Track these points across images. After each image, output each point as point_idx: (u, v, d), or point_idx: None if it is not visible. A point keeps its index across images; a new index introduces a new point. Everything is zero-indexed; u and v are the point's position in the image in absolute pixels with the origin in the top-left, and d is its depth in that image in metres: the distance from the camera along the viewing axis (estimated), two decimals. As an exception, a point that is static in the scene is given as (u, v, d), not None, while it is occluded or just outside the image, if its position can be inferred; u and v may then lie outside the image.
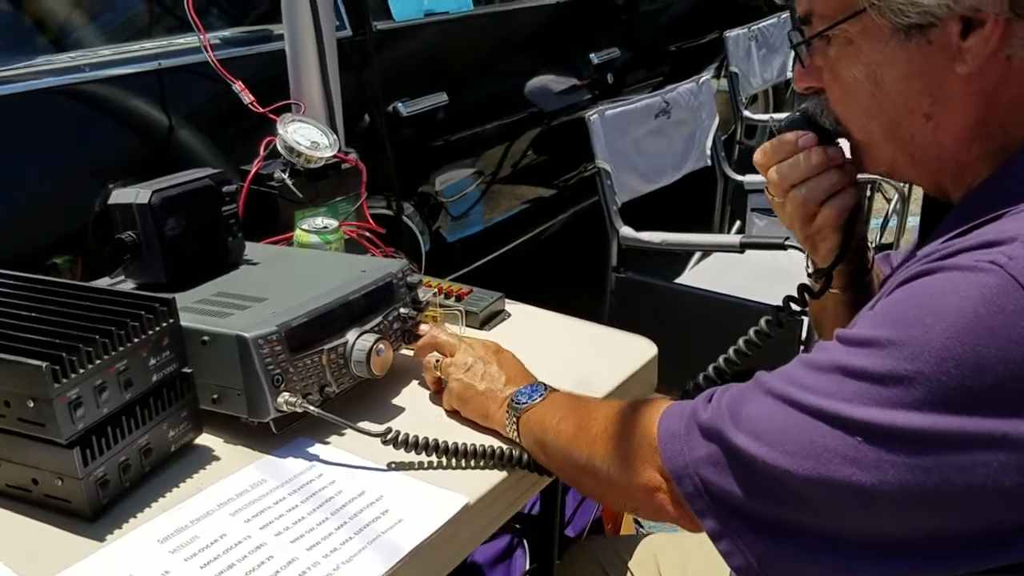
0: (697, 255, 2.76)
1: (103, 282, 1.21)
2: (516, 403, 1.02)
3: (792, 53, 4.28)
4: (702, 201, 3.12)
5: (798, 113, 0.91)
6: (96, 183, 1.66)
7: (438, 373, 1.14)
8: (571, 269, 3.46)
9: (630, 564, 1.26)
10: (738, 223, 3.31)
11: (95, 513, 0.92)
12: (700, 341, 2.22)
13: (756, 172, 3.00)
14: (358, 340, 1.10)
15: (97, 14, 2.04)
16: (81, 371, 0.88)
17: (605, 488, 0.92)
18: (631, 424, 0.87)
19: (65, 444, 0.88)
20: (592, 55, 3.01)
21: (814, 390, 0.71)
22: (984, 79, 0.74)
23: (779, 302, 2.35)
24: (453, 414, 1.12)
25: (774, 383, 0.75)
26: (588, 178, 2.98)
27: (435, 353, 1.16)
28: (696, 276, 2.59)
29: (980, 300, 0.63)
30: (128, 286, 1.19)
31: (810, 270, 1.00)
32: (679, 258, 2.77)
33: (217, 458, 1.04)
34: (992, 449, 0.63)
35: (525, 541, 1.77)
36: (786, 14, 4.20)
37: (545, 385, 1.05)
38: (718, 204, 2.98)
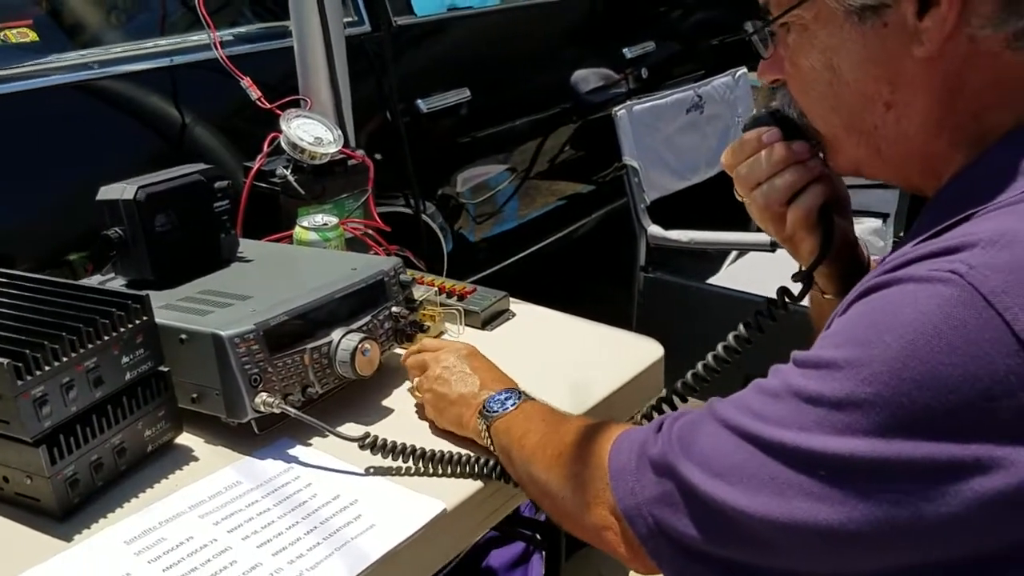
0: (733, 254, 2.68)
1: (95, 279, 1.20)
2: (488, 410, 0.98)
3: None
4: (728, 199, 3.02)
5: (764, 110, 0.86)
6: (111, 180, 1.67)
7: (419, 395, 1.10)
8: (602, 270, 3.41)
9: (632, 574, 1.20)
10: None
11: (65, 512, 0.91)
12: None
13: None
14: (343, 340, 1.07)
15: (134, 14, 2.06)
16: (46, 368, 0.86)
17: (560, 516, 0.86)
18: (586, 452, 0.81)
19: (31, 442, 0.87)
20: (625, 49, 2.95)
21: (769, 419, 0.64)
22: (945, 63, 0.68)
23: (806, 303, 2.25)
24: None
25: (726, 412, 0.69)
26: (620, 177, 2.92)
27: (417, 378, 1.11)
28: (729, 276, 2.51)
29: (939, 314, 0.57)
30: (117, 283, 1.18)
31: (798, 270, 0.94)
32: (714, 258, 2.69)
33: (196, 458, 1.02)
34: (964, 476, 0.56)
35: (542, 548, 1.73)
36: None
37: (520, 393, 1.00)
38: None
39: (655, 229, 2.24)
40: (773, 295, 2.28)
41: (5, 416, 0.86)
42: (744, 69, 2.76)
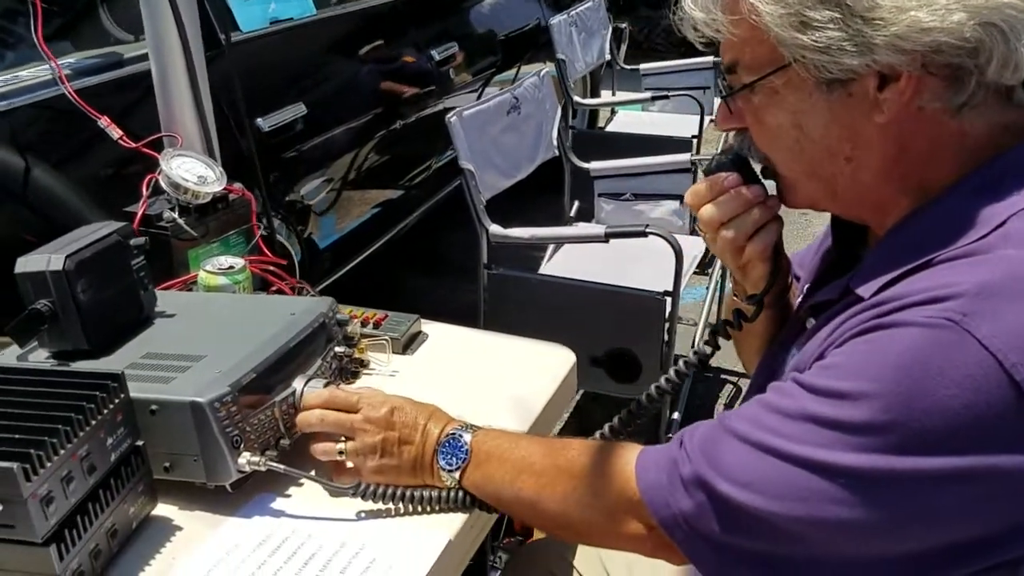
0: (552, 247, 2.84)
1: (10, 354, 1.13)
2: (447, 469, 1.01)
3: (610, 45, 4.40)
4: (543, 186, 3.21)
5: (725, 155, 0.97)
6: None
7: (350, 464, 1.05)
8: (438, 260, 3.51)
9: (576, 564, 1.31)
10: (576, 203, 3.42)
11: (73, 608, 0.88)
12: (577, 330, 2.32)
13: (601, 159, 3.09)
14: (307, 388, 1.09)
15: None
16: (49, 464, 0.83)
17: (584, 537, 0.95)
18: (605, 478, 0.90)
19: (41, 542, 0.83)
20: (434, 51, 3.03)
21: (788, 436, 0.77)
22: (899, 127, 0.82)
23: (646, 285, 2.46)
24: None
25: (744, 428, 0.80)
26: (442, 168, 3.03)
27: (339, 444, 1.05)
28: (558, 266, 2.67)
29: (943, 356, 0.71)
30: (42, 355, 1.12)
31: (738, 296, 1.07)
32: (536, 248, 2.84)
33: (179, 527, 1.01)
34: (961, 483, 0.71)
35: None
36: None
37: (454, 435, 1.01)
38: (567, 190, 3.07)
39: (496, 228, 2.35)
40: (610, 281, 2.46)
41: (10, 520, 0.82)
42: (547, 68, 2.92)
